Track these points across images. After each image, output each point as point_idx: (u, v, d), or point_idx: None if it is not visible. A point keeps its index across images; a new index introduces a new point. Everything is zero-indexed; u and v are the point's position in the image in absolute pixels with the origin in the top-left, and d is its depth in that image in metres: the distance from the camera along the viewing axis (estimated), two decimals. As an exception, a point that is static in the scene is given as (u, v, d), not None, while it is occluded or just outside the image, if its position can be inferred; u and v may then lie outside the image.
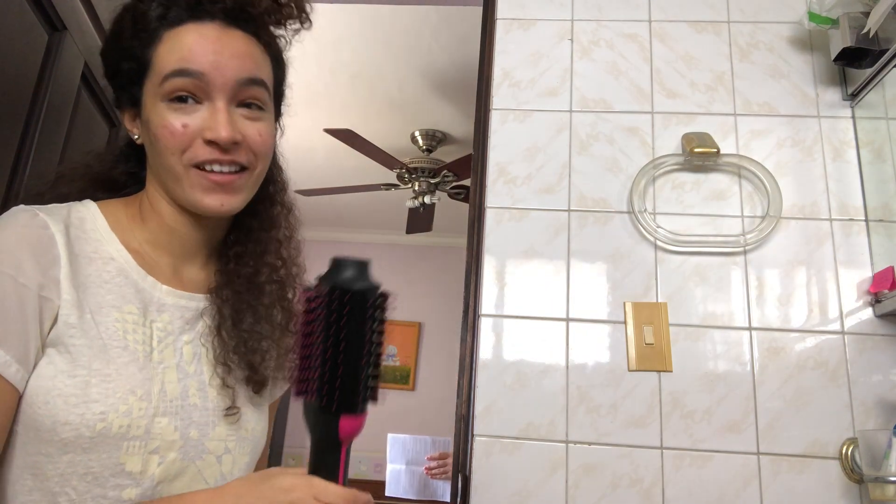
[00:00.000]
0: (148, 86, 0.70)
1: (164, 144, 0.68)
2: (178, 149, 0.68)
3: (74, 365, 0.63)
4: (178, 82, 0.68)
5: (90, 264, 0.68)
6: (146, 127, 0.71)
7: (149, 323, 0.70)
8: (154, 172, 0.74)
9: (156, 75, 0.69)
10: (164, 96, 0.68)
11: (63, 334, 0.63)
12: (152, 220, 0.75)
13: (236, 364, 0.74)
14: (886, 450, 1.06)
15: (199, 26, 0.69)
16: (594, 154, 1.40)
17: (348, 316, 0.56)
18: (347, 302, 0.57)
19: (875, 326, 1.25)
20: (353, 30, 2.73)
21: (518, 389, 1.26)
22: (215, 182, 0.69)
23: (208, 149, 0.69)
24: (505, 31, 1.50)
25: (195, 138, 0.68)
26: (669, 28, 1.48)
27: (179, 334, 0.72)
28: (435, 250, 4.93)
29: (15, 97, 1.08)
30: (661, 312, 1.28)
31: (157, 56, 0.69)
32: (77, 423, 0.61)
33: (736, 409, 1.22)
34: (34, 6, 1.10)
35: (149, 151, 0.73)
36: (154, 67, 0.69)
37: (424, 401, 4.55)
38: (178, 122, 0.68)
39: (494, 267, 1.34)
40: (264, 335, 0.76)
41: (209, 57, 0.68)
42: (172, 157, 0.69)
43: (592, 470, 1.20)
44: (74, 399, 0.62)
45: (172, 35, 0.69)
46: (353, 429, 0.58)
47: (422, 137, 3.59)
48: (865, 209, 1.31)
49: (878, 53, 1.26)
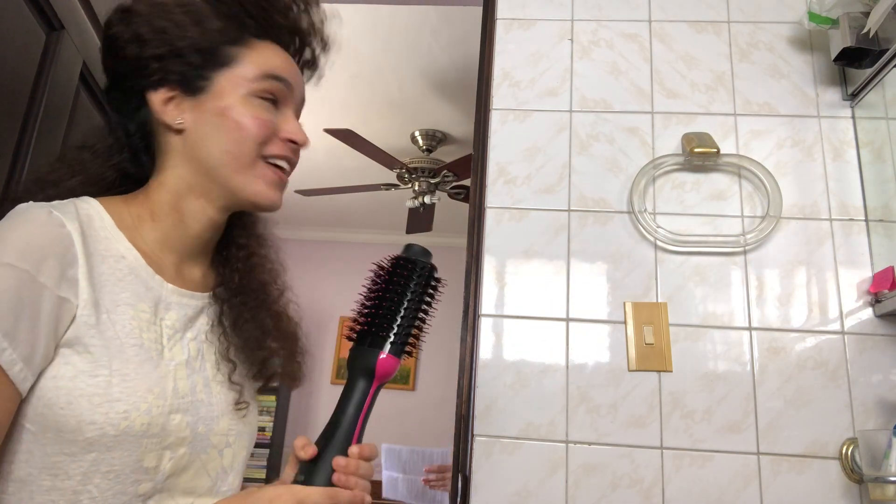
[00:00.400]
0: (229, 77, 0.75)
1: (250, 132, 0.74)
2: (261, 138, 0.74)
3: (95, 365, 0.63)
4: (273, 84, 0.76)
5: (103, 262, 0.68)
6: (214, 112, 0.74)
7: (159, 321, 0.71)
8: (200, 161, 0.74)
9: (247, 71, 0.75)
10: (255, 92, 0.75)
11: (83, 335, 0.64)
12: (167, 219, 0.75)
13: (242, 361, 0.77)
14: (886, 450, 1.06)
15: (278, 49, 0.79)
16: (594, 154, 1.40)
17: (407, 278, 0.70)
18: (412, 269, 0.70)
19: (875, 326, 1.25)
20: (353, 30, 2.73)
21: (518, 389, 1.26)
22: (279, 178, 0.77)
23: (286, 146, 0.77)
24: (505, 31, 1.50)
25: (274, 134, 0.76)
26: (669, 28, 1.48)
27: (184, 332, 0.74)
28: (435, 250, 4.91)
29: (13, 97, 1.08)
30: (661, 312, 1.28)
31: (246, 56, 0.76)
32: (102, 422, 0.62)
33: (736, 409, 1.22)
34: (32, 5, 1.10)
35: (203, 137, 0.74)
36: (244, 63, 0.75)
37: (424, 401, 4.56)
38: (266, 116, 0.75)
39: (494, 267, 1.34)
40: (266, 330, 0.80)
41: (293, 75, 0.79)
42: (252, 143, 0.74)
43: (592, 470, 1.20)
44: (98, 399, 0.62)
45: (259, 45, 0.77)
46: (390, 369, 0.69)
47: (422, 137, 3.59)
48: (865, 209, 1.31)
49: (878, 53, 1.26)
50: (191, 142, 0.75)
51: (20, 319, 0.60)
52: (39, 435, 0.62)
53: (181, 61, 0.74)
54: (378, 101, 3.28)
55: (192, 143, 0.74)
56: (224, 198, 0.76)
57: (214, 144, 0.74)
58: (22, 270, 0.61)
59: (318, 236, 5.12)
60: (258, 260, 0.83)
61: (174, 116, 0.74)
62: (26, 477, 0.62)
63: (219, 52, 0.75)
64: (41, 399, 0.62)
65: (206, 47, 0.74)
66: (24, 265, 0.61)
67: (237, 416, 0.76)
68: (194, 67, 0.74)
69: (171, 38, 0.74)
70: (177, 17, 0.74)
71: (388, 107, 3.33)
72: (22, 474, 0.62)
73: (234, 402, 0.76)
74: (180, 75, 0.74)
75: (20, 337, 0.60)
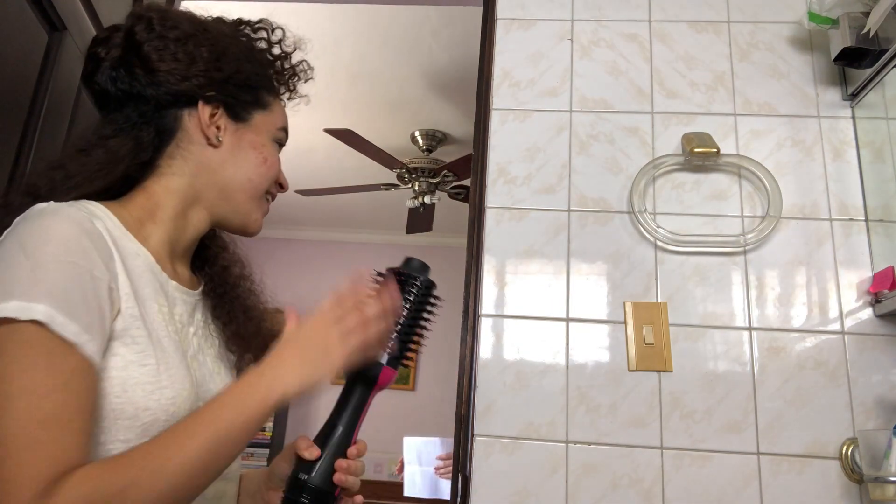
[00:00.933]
0: (263, 118, 0.84)
1: (271, 170, 0.84)
2: (274, 178, 0.85)
3: (143, 354, 0.67)
4: (285, 138, 0.88)
5: (127, 259, 0.70)
6: (251, 144, 0.83)
7: (173, 315, 0.75)
8: (211, 181, 0.80)
9: (275, 119, 0.86)
10: (277, 139, 0.86)
11: (129, 325, 0.67)
12: (169, 222, 0.78)
13: (246, 350, 0.84)
14: (886, 450, 1.06)
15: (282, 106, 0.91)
16: (594, 154, 1.40)
17: (407, 294, 0.74)
18: (412, 285, 0.74)
19: (875, 326, 1.25)
20: (352, 30, 2.73)
21: (518, 389, 1.26)
22: (267, 210, 0.87)
23: (276, 188, 0.88)
24: (505, 31, 1.50)
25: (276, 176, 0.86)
26: (669, 28, 1.48)
27: (188, 326, 0.78)
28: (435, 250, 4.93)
29: (15, 97, 1.08)
30: (661, 312, 1.28)
31: (276, 107, 0.87)
32: (155, 408, 0.66)
33: (736, 409, 1.22)
34: (34, 6, 1.10)
35: (233, 160, 0.81)
36: (273, 113, 0.86)
37: (424, 401, 4.56)
38: (277, 161, 0.86)
39: (494, 267, 1.34)
40: (257, 324, 0.88)
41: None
42: (267, 181, 0.84)
43: (592, 470, 1.20)
44: (150, 386, 0.66)
45: (279, 103, 0.89)
46: (389, 379, 0.73)
47: (422, 137, 3.59)
48: (865, 209, 1.31)
49: (878, 53, 1.26)
50: (219, 160, 0.80)
51: (91, 312, 0.62)
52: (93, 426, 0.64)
53: (236, 90, 0.81)
54: (378, 101, 3.28)
55: (220, 161, 0.80)
56: (223, 215, 0.83)
57: (243, 171, 0.82)
58: (77, 265, 0.62)
59: (318, 236, 5.12)
60: (234, 260, 0.92)
61: (216, 133, 0.80)
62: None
63: (260, 94, 0.85)
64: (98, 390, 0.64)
65: (255, 87, 0.84)
66: (71, 258, 0.62)
67: None
68: (244, 101, 0.82)
69: (229, 65, 0.81)
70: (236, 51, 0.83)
71: (388, 107, 3.33)
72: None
73: None
74: (233, 99, 0.81)
75: (95, 329, 0.62)
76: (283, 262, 5.00)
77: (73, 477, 0.56)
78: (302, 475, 0.69)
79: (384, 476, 4.48)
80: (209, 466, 0.62)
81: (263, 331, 0.89)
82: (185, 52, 0.78)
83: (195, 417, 0.63)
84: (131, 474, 0.58)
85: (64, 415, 0.58)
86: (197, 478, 0.62)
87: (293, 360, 0.68)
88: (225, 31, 0.84)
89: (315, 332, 0.69)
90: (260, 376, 0.66)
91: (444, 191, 3.71)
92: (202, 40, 0.79)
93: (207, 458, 0.61)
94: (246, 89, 0.83)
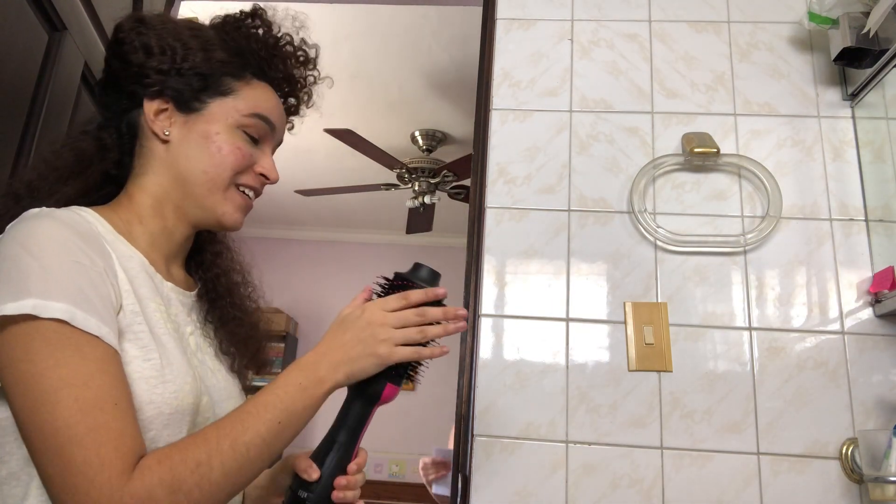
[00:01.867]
0: (222, 105, 0.80)
1: (230, 160, 0.79)
2: (238, 168, 0.80)
3: (146, 350, 0.68)
4: (259, 124, 0.82)
5: (122, 260, 0.72)
6: (201, 134, 0.79)
7: (170, 315, 0.76)
8: (178, 173, 0.79)
9: (241, 104, 0.81)
10: (241, 125, 0.81)
11: (132, 322, 0.68)
12: (152, 222, 0.79)
13: (235, 352, 0.85)
14: (886, 450, 1.06)
15: (272, 92, 0.86)
16: (594, 154, 1.40)
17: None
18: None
19: (875, 326, 1.25)
20: (352, 30, 2.74)
21: (518, 389, 1.26)
22: (246, 203, 0.83)
23: (257, 179, 0.83)
24: (505, 31, 1.50)
25: (250, 166, 0.82)
26: (669, 28, 1.48)
27: (185, 326, 0.79)
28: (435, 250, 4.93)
29: (15, 97, 1.08)
30: (661, 312, 1.28)
31: (245, 93, 0.82)
32: (159, 401, 0.67)
33: (736, 409, 1.22)
34: (34, 6, 1.10)
35: (185, 153, 0.79)
36: (239, 98, 0.81)
37: (424, 401, 4.55)
38: (247, 149, 0.81)
39: (494, 267, 1.34)
40: (252, 324, 0.89)
41: (278, 117, 0.85)
42: (229, 171, 0.80)
43: (592, 470, 1.20)
44: (154, 381, 0.67)
45: (257, 85, 0.84)
46: (393, 395, 0.74)
47: (422, 137, 3.59)
48: (865, 209, 1.31)
49: (878, 53, 1.26)
50: (173, 154, 0.79)
51: (105, 307, 0.63)
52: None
53: (181, 80, 0.79)
54: (378, 101, 3.28)
55: (173, 155, 0.79)
56: (191, 212, 0.81)
57: (195, 163, 0.79)
58: (80, 264, 0.64)
59: (318, 236, 5.12)
60: (231, 263, 0.92)
61: (163, 127, 0.79)
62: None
63: (219, 80, 0.81)
64: None
65: (208, 73, 0.80)
66: (79, 258, 0.64)
67: (240, 400, 0.83)
68: (192, 89, 0.79)
69: (176, 56, 0.79)
70: (185, 39, 0.80)
71: (388, 107, 3.33)
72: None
73: (238, 388, 0.84)
74: (177, 92, 0.79)
75: (111, 323, 0.63)
76: (282, 262, 5.00)
77: (149, 459, 0.59)
78: (301, 493, 0.71)
79: (384, 476, 4.49)
80: (272, 446, 0.66)
81: (257, 336, 0.90)
82: (130, 51, 0.79)
83: (259, 399, 0.67)
84: (201, 454, 0.61)
85: (110, 398, 0.60)
86: (260, 458, 0.65)
87: (345, 348, 0.71)
88: (181, 25, 0.82)
89: (372, 324, 0.72)
90: (316, 363, 0.70)
91: (444, 191, 3.71)
92: (148, 37, 0.79)
93: (270, 438, 0.65)
94: (198, 78, 0.80)
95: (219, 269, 0.89)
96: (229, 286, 0.89)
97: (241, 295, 0.91)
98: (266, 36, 0.86)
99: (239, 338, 0.86)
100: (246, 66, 0.83)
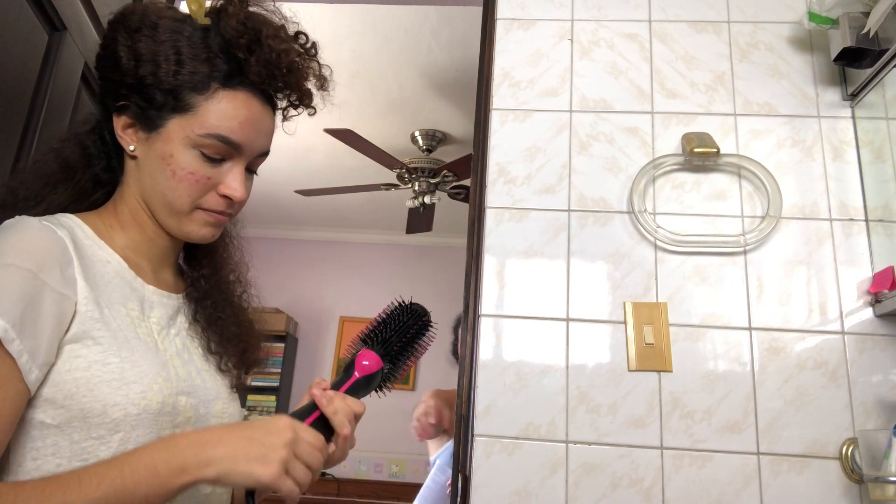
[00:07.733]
0: (180, 123, 0.74)
1: (184, 186, 0.75)
2: (196, 194, 0.76)
3: (106, 354, 0.68)
4: (219, 146, 0.75)
5: (93, 266, 0.73)
6: (158, 155, 0.75)
7: (146, 318, 0.77)
8: (143, 190, 0.78)
9: (197, 124, 0.74)
10: (199, 146, 0.74)
11: (90, 328, 0.68)
12: (132, 229, 0.80)
13: (223, 352, 0.85)
14: (886, 450, 1.06)
15: (249, 99, 0.76)
16: (594, 154, 1.40)
17: (411, 323, 0.80)
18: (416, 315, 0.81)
19: (875, 326, 1.25)
20: (353, 30, 2.74)
21: (518, 389, 1.26)
22: (216, 220, 0.79)
23: (222, 201, 0.78)
24: (505, 31, 1.50)
25: (212, 188, 0.77)
26: (669, 28, 1.48)
27: (169, 328, 0.80)
28: (435, 250, 4.93)
29: (15, 97, 1.08)
30: (661, 312, 1.28)
31: (205, 109, 0.74)
32: (124, 402, 0.67)
33: (736, 409, 1.22)
34: (34, 6, 1.10)
35: (148, 173, 0.77)
36: (197, 115, 0.74)
37: (424, 401, 4.55)
38: (205, 173, 0.75)
39: (494, 267, 1.34)
40: (239, 324, 0.88)
41: (250, 134, 0.77)
42: (185, 197, 0.75)
43: (592, 470, 1.20)
44: (116, 383, 0.67)
45: (226, 96, 0.75)
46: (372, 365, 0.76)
47: (422, 137, 3.59)
48: (865, 209, 1.31)
49: (878, 53, 1.26)
50: (140, 171, 0.78)
51: (26, 314, 0.63)
52: (65, 426, 0.66)
53: (144, 96, 0.75)
54: (378, 101, 3.28)
55: (139, 172, 0.78)
56: (166, 227, 0.79)
57: (154, 184, 0.76)
58: (24, 269, 0.64)
59: (318, 236, 5.12)
60: (224, 260, 0.90)
61: (128, 143, 0.78)
62: (56, 469, 0.65)
63: (181, 96, 0.74)
64: (61, 392, 0.66)
65: (171, 88, 0.74)
66: (25, 265, 0.64)
67: (230, 399, 0.83)
68: (154, 106, 0.75)
69: (144, 70, 0.74)
70: (158, 47, 0.74)
71: (388, 107, 3.33)
72: (51, 468, 0.65)
73: (228, 387, 0.84)
74: (140, 109, 0.75)
75: (27, 331, 0.63)
76: (282, 262, 5.00)
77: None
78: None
79: (384, 476, 4.48)
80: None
81: (245, 335, 0.88)
82: (104, 60, 0.78)
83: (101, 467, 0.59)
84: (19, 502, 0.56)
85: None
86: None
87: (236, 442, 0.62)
88: (162, 27, 0.75)
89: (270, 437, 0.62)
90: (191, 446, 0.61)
91: (444, 191, 3.71)
92: (121, 46, 0.75)
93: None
94: (161, 93, 0.74)
95: (207, 269, 0.88)
96: (219, 284, 0.88)
97: (230, 293, 0.89)
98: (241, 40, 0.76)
99: (226, 337, 0.86)
100: (215, 72, 0.74)
